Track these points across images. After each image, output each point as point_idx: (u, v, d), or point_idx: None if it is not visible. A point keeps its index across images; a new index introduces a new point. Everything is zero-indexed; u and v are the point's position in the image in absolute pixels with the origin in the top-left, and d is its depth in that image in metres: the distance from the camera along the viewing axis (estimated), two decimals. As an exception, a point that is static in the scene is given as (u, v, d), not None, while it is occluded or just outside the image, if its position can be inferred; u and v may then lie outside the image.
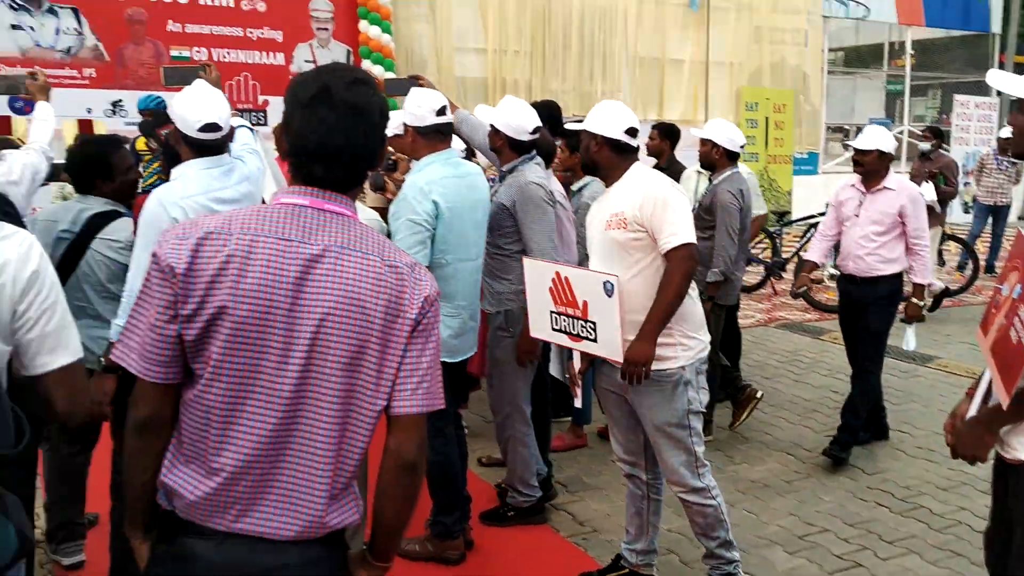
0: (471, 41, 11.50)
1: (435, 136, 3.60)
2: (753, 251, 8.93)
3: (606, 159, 3.34)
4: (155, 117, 7.01)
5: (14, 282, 1.73)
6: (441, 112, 3.58)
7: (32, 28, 9.31)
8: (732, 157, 5.08)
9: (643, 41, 12.52)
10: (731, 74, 13.35)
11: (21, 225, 3.02)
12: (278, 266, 1.62)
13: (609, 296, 3.10)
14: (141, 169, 6.70)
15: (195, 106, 2.95)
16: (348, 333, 1.64)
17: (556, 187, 4.51)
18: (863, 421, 4.96)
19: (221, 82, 3.68)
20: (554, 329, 3.44)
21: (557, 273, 3.35)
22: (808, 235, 9.41)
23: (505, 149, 3.97)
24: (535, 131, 3.97)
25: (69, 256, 3.33)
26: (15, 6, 9.20)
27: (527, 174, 3.92)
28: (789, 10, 13.63)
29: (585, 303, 3.23)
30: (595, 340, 3.23)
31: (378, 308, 1.67)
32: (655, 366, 3.16)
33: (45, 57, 9.36)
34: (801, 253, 8.93)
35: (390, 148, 4.86)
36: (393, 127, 4.53)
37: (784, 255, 9.86)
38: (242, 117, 3.77)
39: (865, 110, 21.67)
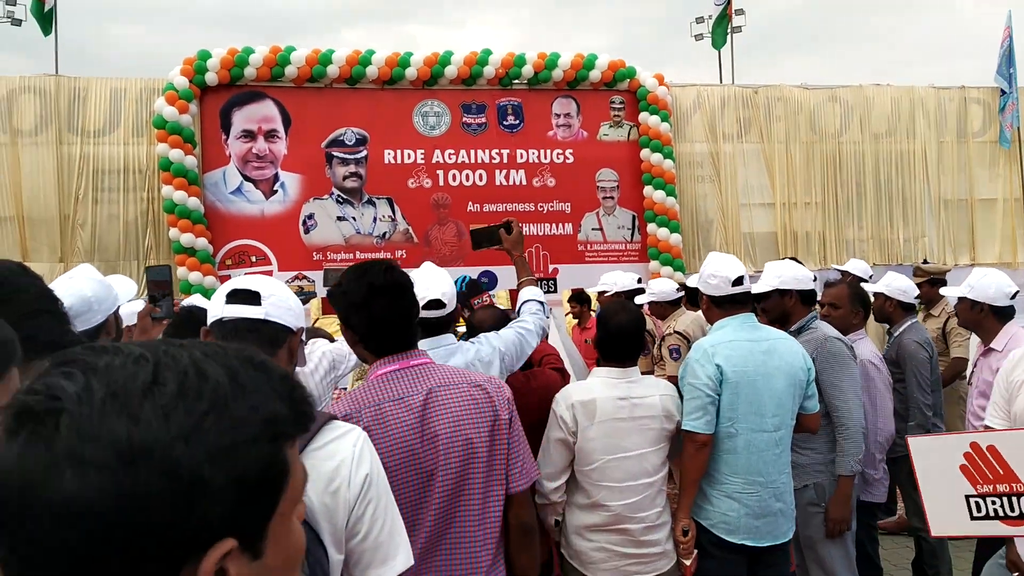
0: (757, 197, 11.21)
1: (729, 306, 3.44)
2: None
3: None
4: (468, 289, 7.22)
5: (349, 485, 1.59)
6: (738, 282, 3.39)
7: (354, 218, 10.35)
8: (907, 308, 4.93)
9: (947, 182, 11.57)
10: (1055, 209, 11.92)
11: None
12: (403, 418, 2.11)
13: None
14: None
15: (419, 283, 2.76)
16: (467, 444, 2.15)
17: (866, 348, 4.21)
18: None
19: (523, 238, 3.61)
20: (975, 518, 2.78)
21: (974, 445, 2.73)
22: None
23: (797, 307, 3.85)
24: (815, 279, 3.97)
25: None
26: (340, 200, 10.31)
27: (823, 329, 3.74)
28: (1118, 134, 12.10)
29: None
30: None
31: (482, 421, 2.20)
32: None
33: (363, 243, 10.32)
34: None
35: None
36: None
37: None
38: (540, 289, 3.58)
39: None
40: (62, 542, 0.64)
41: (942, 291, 5.19)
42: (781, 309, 3.90)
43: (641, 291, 6.33)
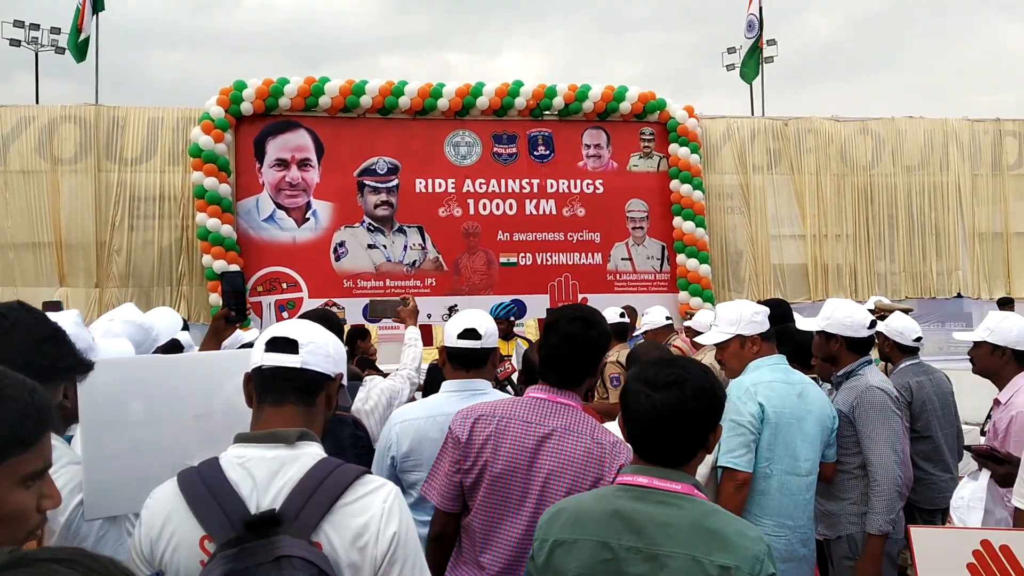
0: (787, 228, 11.17)
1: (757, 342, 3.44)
2: None
3: None
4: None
5: (377, 542, 1.59)
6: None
7: (384, 246, 10.43)
8: (905, 350, 4.68)
9: (982, 215, 11.46)
10: (1091, 244, 11.74)
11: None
12: (522, 440, 2.40)
13: None
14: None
15: (461, 317, 3.05)
16: (564, 487, 2.35)
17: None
18: None
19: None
20: None
21: (985, 543, 2.31)
22: None
23: (843, 352, 3.69)
24: (872, 325, 3.69)
25: None
26: (371, 228, 10.40)
27: (868, 377, 3.59)
28: None
29: None
30: None
31: (587, 474, 2.37)
32: None
33: (394, 271, 10.38)
34: None
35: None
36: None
37: None
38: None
39: None
40: (667, 432, 1.83)
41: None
42: (825, 351, 3.79)
43: (625, 325, 6.32)
